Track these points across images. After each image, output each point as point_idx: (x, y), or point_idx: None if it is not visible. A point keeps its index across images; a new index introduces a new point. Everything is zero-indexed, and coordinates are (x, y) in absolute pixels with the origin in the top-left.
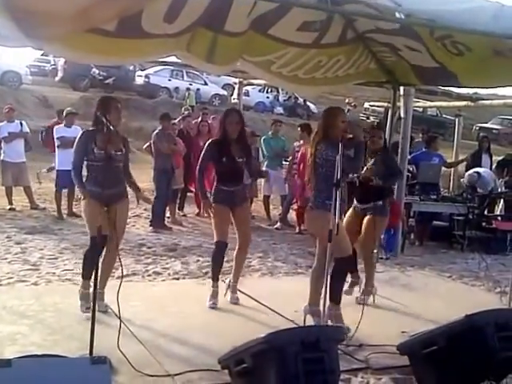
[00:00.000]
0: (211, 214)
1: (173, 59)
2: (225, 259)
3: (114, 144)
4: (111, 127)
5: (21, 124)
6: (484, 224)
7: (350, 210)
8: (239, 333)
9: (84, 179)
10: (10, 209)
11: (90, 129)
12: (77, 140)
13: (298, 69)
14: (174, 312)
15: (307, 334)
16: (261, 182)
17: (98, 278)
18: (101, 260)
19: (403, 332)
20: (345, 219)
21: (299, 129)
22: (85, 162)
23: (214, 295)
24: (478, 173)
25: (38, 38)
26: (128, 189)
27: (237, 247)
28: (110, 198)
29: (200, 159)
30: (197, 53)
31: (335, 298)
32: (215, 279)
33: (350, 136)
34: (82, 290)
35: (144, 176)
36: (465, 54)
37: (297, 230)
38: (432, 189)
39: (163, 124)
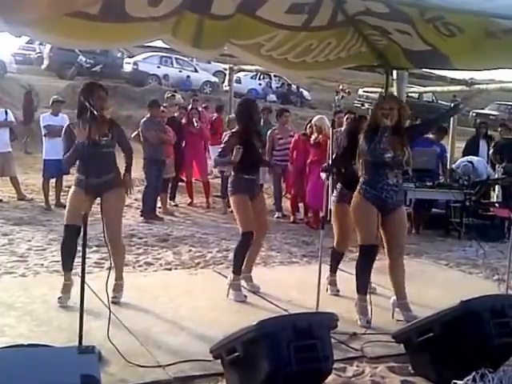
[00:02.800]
0: (234, 206)
1: (159, 44)
2: (216, 250)
3: (99, 130)
4: (95, 112)
5: (6, 113)
6: (481, 211)
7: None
8: (231, 323)
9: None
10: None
11: (74, 121)
12: (62, 135)
13: (287, 52)
14: (165, 302)
15: (299, 321)
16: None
17: (86, 267)
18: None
19: (398, 321)
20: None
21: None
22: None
23: (237, 288)
24: (471, 163)
25: (17, 23)
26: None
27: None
28: (97, 187)
29: (222, 148)
30: (183, 37)
31: (361, 289)
32: (238, 272)
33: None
34: (63, 281)
35: (135, 165)
36: (457, 36)
37: (291, 219)
38: (427, 175)
39: (152, 111)
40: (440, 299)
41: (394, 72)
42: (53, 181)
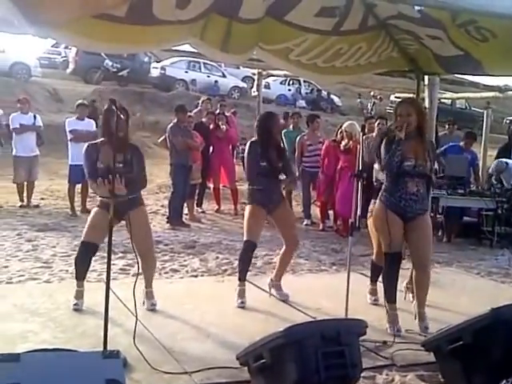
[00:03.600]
0: (246, 214)
1: (187, 48)
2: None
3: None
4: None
5: (34, 117)
6: None
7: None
8: (258, 330)
9: None
10: (20, 206)
11: (94, 142)
12: (83, 154)
13: (317, 57)
14: (191, 309)
15: (327, 328)
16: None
17: (110, 272)
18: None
19: (426, 328)
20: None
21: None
22: None
23: (241, 294)
24: (506, 163)
25: (42, 25)
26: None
27: (283, 248)
28: (121, 208)
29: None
30: (211, 41)
31: (389, 298)
32: (242, 278)
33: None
34: (76, 288)
35: (162, 172)
36: (489, 40)
37: (320, 227)
38: (459, 183)
39: (178, 116)
40: (471, 308)
41: (426, 77)
42: (78, 186)
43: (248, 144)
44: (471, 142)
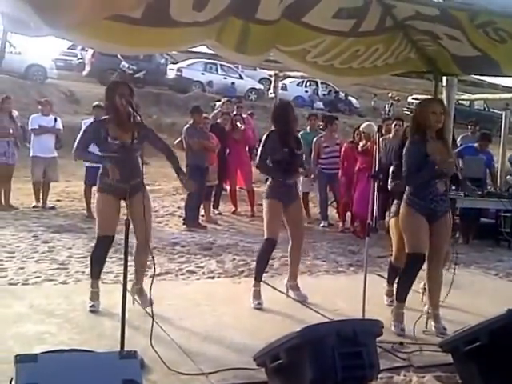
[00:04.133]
0: (264, 209)
1: (204, 50)
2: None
3: (128, 132)
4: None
5: (55, 120)
6: None
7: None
8: (275, 331)
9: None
10: (33, 206)
11: (101, 118)
12: (86, 126)
13: (334, 58)
14: (207, 311)
15: (344, 328)
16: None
17: (127, 273)
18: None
19: (444, 329)
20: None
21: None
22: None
23: (257, 295)
24: None
25: (58, 26)
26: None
27: (290, 245)
28: (125, 192)
29: (260, 152)
30: (227, 42)
31: (400, 296)
32: (258, 279)
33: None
34: (91, 289)
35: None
36: (508, 42)
37: (338, 228)
38: (476, 184)
39: (194, 118)
40: (489, 309)
41: (444, 78)
42: (95, 188)
43: (266, 134)
44: (486, 143)
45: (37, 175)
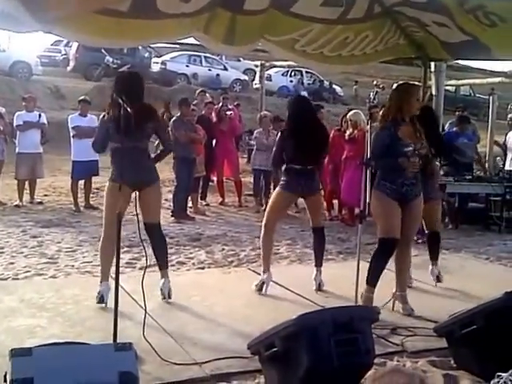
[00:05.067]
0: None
1: (189, 41)
2: (250, 248)
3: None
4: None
5: (39, 116)
6: None
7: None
8: (268, 320)
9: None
10: (16, 205)
11: (105, 117)
12: (99, 124)
13: (323, 46)
14: (199, 301)
15: (339, 315)
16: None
17: (120, 266)
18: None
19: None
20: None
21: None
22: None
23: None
24: None
25: (46, 21)
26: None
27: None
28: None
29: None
30: (215, 34)
31: (370, 280)
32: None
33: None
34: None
35: (165, 166)
36: (498, 25)
37: (327, 217)
38: (465, 169)
39: (182, 110)
40: (482, 292)
41: (432, 64)
42: (81, 182)
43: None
44: (465, 126)
45: (21, 173)
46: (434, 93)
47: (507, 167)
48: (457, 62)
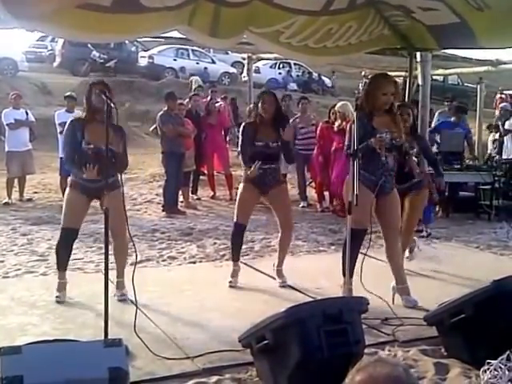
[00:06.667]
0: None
1: (175, 34)
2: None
3: (103, 137)
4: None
5: (26, 113)
6: (511, 192)
7: None
8: (259, 313)
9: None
10: (5, 203)
11: (78, 117)
12: (65, 131)
13: (307, 38)
14: (190, 295)
15: (328, 306)
16: None
17: (108, 262)
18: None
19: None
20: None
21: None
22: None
23: (234, 274)
24: None
25: (28, 18)
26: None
27: (279, 232)
28: (96, 190)
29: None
30: (199, 27)
31: (346, 271)
32: (235, 259)
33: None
34: (58, 280)
35: (154, 161)
36: (484, 11)
37: (318, 209)
38: (455, 158)
39: (168, 104)
40: (472, 281)
41: (418, 54)
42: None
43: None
44: (461, 116)
45: (12, 171)
46: (420, 83)
47: (504, 156)
48: (444, 51)
